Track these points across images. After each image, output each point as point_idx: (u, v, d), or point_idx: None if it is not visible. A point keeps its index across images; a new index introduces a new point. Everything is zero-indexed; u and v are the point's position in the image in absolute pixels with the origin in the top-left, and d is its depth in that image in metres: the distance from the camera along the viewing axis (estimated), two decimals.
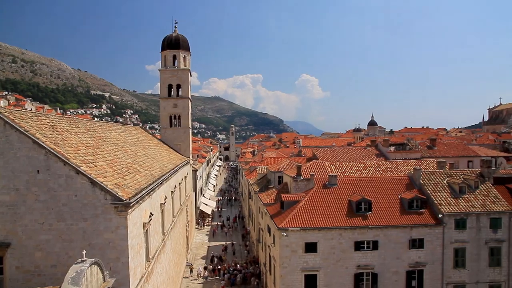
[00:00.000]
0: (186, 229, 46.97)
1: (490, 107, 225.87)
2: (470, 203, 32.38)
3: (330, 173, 36.35)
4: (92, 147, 21.68)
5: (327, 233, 29.89)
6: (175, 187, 35.69)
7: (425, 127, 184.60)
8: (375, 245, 30.47)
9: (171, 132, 53.13)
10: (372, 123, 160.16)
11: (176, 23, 55.25)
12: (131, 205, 17.64)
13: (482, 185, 34.09)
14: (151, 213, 22.58)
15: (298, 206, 31.16)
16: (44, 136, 17.64)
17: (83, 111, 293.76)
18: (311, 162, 42.97)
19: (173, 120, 53.62)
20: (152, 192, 23.20)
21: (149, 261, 22.60)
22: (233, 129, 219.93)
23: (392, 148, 54.93)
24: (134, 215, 18.69)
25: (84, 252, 13.71)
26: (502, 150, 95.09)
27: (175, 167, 35.45)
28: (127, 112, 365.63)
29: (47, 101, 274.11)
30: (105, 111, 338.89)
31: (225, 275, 44.04)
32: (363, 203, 31.10)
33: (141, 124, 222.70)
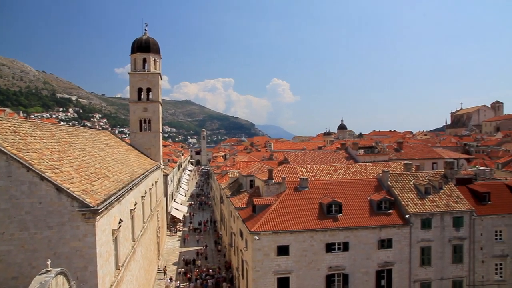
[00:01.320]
0: (157, 235, 46.15)
1: (452, 112, 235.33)
2: (435, 203, 33.57)
3: (301, 176, 36.72)
4: (58, 152, 20.98)
5: (299, 236, 30.17)
6: (146, 192, 35.06)
7: (392, 130, 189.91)
8: (345, 247, 31.02)
9: (141, 136, 52.25)
10: (342, 127, 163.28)
11: (146, 25, 54.63)
12: (99, 211, 17.19)
13: (446, 186, 35.41)
14: (120, 219, 22.07)
15: (270, 210, 31.28)
16: (6, 141, 16.92)
17: (48, 115, 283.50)
18: (282, 166, 43.28)
19: (143, 124, 52.75)
20: (121, 198, 22.70)
21: (119, 269, 22.06)
22: (205, 133, 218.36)
23: (361, 151, 56.14)
24: (102, 222, 18.22)
25: (49, 262, 13.12)
26: (463, 152, 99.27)
27: (145, 172, 34.84)
28: (95, 116, 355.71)
29: (8, 104, 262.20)
30: (72, 115, 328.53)
31: (197, 280, 43.58)
32: (333, 206, 31.60)
33: (110, 129, 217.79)
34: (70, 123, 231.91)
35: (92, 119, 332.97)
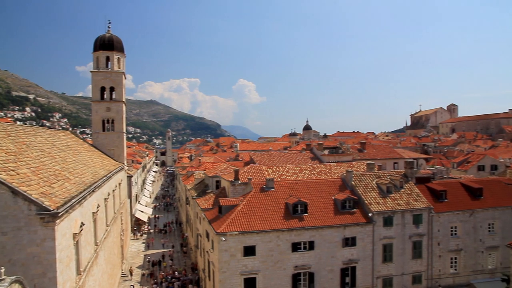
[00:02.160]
0: (121, 238, 45.02)
1: (412, 113, 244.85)
2: (396, 201, 34.76)
3: (267, 177, 36.98)
4: (14, 153, 20.00)
5: (265, 236, 30.34)
6: (109, 194, 34.11)
7: (356, 131, 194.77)
8: (311, 246, 31.50)
9: (104, 137, 50.76)
10: (307, 128, 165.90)
11: (109, 23, 53.08)
12: (59, 215, 16.54)
13: (406, 185, 36.75)
14: (82, 222, 21.34)
15: (236, 210, 31.26)
16: None
17: (2, 113, 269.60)
18: (248, 166, 43.38)
19: (106, 125, 51.27)
20: (83, 201, 21.96)
21: (80, 274, 21.31)
22: (170, 134, 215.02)
23: (326, 152, 57.20)
24: (63, 225, 17.54)
25: (2, 270, 12.33)
26: (422, 152, 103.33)
27: (108, 174, 33.88)
28: (55, 116, 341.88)
29: None
30: (29, 114, 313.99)
31: (163, 283, 42.85)
32: (299, 205, 32.02)
33: (71, 129, 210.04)
34: (27, 123, 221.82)
35: (51, 119, 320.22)
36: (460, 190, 38.06)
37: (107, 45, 50.94)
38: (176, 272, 45.92)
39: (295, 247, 31.10)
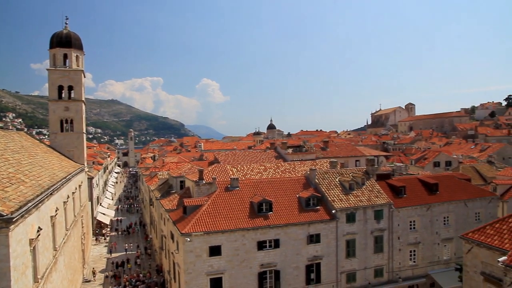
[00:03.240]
0: (82, 242, 43.55)
1: (372, 112, 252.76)
2: (358, 198, 35.73)
3: (232, 176, 36.95)
4: None
5: (231, 235, 30.30)
6: (68, 197, 32.87)
7: (319, 130, 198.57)
8: (276, 244, 31.78)
9: (63, 137, 48.88)
10: (271, 127, 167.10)
11: (67, 19, 51.12)
12: (13, 220, 15.77)
13: (368, 182, 37.86)
14: (39, 227, 20.45)
15: (201, 210, 31.03)
16: None
17: None
18: (213, 166, 43.16)
19: (65, 125, 49.41)
20: (40, 204, 21.04)
21: (38, 282, 20.41)
22: (132, 134, 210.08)
23: (290, 150, 57.89)
24: (18, 231, 16.74)
25: None
26: (382, 150, 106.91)
27: (67, 176, 32.65)
28: (8, 116, 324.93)
29: None
30: None
31: (126, 287, 41.87)
32: (264, 204, 32.22)
33: (26, 129, 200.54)
34: None
35: (4, 119, 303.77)
36: (417, 186, 39.66)
37: (64, 42, 49.05)
38: (140, 275, 45.03)
39: (261, 245, 31.26)
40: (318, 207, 34.12)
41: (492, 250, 19.86)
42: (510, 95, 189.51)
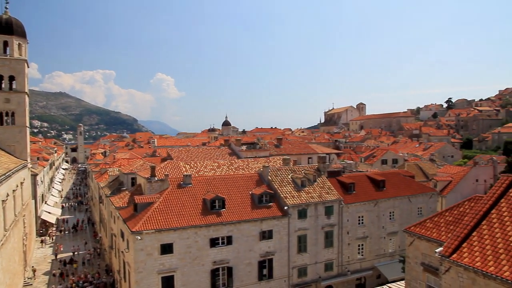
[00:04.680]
0: (24, 243, 41.23)
1: (326, 111, 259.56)
2: (309, 194, 36.59)
3: (185, 173, 36.52)
4: None
5: (183, 233, 29.98)
6: (8, 195, 30.99)
7: (273, 127, 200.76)
8: (229, 240, 31.85)
9: (2, 131, 45.97)
10: (226, 124, 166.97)
11: (7, 3, 47.84)
12: None
13: (319, 179, 38.87)
14: None
15: (152, 208, 30.42)
16: None
17: None
18: (165, 163, 42.42)
19: (5, 118, 46.49)
20: None
21: None
22: (82, 129, 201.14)
23: (244, 147, 58.11)
24: None
25: None
26: (334, 148, 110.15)
27: (7, 172, 30.76)
28: None
29: None
30: None
31: None
32: (217, 201, 32.15)
33: None
34: None
35: None
36: (366, 182, 41.31)
37: (4, 28, 46.01)
38: (88, 275, 43.41)
39: (213, 242, 31.21)
40: (270, 203, 34.56)
41: (431, 242, 21.09)
42: (450, 98, 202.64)
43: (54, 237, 60.80)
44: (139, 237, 28.19)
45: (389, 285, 31.63)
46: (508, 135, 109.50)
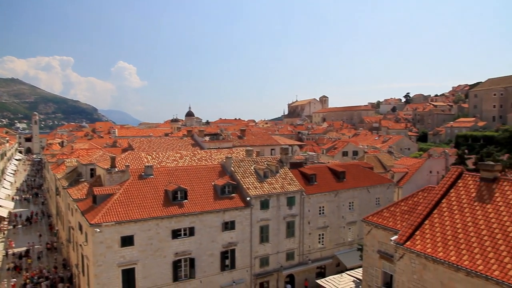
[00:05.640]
0: None
1: (289, 103, 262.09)
2: (272, 185, 37.02)
3: (146, 164, 35.89)
4: None
5: (144, 225, 29.52)
6: None
7: (237, 118, 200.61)
8: (191, 232, 31.71)
9: None
10: (189, 114, 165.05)
11: None
12: None
13: (282, 170, 39.37)
14: None
15: (112, 200, 29.70)
16: None
17: None
18: (126, 153, 41.47)
19: None
20: None
21: None
22: (37, 117, 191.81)
23: (207, 138, 57.79)
24: None
25: None
26: (297, 139, 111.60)
27: None
28: None
29: None
30: None
31: (27, 285, 38.57)
32: (179, 192, 31.85)
33: None
34: None
35: None
36: (327, 174, 42.28)
37: None
38: (44, 270, 41.90)
39: (175, 234, 30.96)
40: (233, 194, 34.67)
41: (387, 231, 22.06)
42: (408, 93, 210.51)
43: (5, 232, 58.01)
44: (98, 230, 27.49)
45: (347, 272, 32.82)
46: (459, 129, 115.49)
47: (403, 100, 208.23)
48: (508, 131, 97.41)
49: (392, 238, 19.66)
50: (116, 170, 35.57)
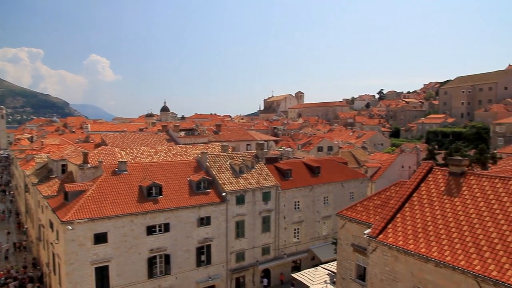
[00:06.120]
0: None
1: (265, 99, 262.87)
2: (248, 181, 37.10)
3: (120, 159, 35.23)
4: None
5: (118, 221, 29.03)
6: None
7: (213, 114, 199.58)
8: (166, 228, 31.41)
9: None
10: (164, 109, 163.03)
11: None
12: None
13: (257, 165, 39.49)
14: None
15: (85, 196, 29.05)
16: None
17: None
18: (99, 149, 40.60)
19: None
20: None
21: None
22: (4, 111, 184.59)
23: (182, 133, 57.27)
24: None
25: None
26: (272, 135, 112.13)
27: None
28: None
29: None
30: None
31: None
32: (153, 188, 31.47)
33: None
34: None
35: None
36: (302, 169, 42.71)
37: None
38: (12, 271, 40.59)
39: (150, 230, 30.59)
40: (208, 190, 34.54)
41: (361, 224, 22.52)
42: (382, 90, 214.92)
43: None
44: (70, 227, 26.85)
45: (322, 265, 33.37)
46: (430, 125, 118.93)
47: (377, 96, 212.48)
48: (475, 128, 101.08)
49: (365, 232, 20.10)
50: (89, 166, 34.75)
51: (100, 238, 28.33)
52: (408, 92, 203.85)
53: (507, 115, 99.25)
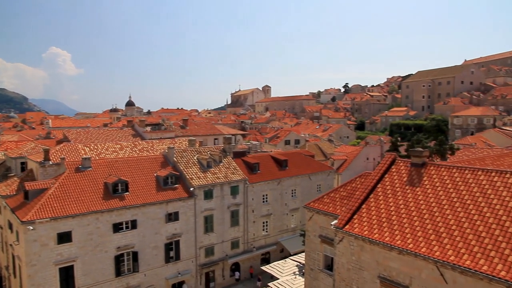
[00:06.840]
0: None
1: (232, 92, 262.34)
2: (215, 175, 37.01)
3: (84, 156, 34.17)
4: None
5: (83, 220, 28.25)
6: None
7: (180, 108, 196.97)
8: (134, 225, 30.90)
9: None
10: (130, 104, 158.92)
11: None
12: None
13: (225, 159, 39.46)
14: None
15: (47, 194, 28.02)
16: None
17: None
18: (61, 145, 39.16)
19: None
20: None
21: None
22: None
23: (148, 128, 56.22)
24: None
25: None
26: (240, 129, 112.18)
27: None
28: None
29: None
30: None
31: None
32: (119, 184, 30.82)
33: None
34: None
35: None
36: (270, 162, 43.05)
37: None
38: None
39: (117, 227, 29.97)
40: (176, 185, 34.20)
41: (328, 216, 22.99)
42: (347, 83, 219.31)
43: None
44: (31, 227, 25.84)
45: (291, 257, 33.89)
46: (393, 118, 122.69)
47: (342, 90, 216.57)
48: (435, 120, 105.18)
49: (332, 223, 20.56)
50: (51, 163, 33.48)
51: (64, 238, 27.51)
52: (372, 86, 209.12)
53: (463, 108, 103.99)
